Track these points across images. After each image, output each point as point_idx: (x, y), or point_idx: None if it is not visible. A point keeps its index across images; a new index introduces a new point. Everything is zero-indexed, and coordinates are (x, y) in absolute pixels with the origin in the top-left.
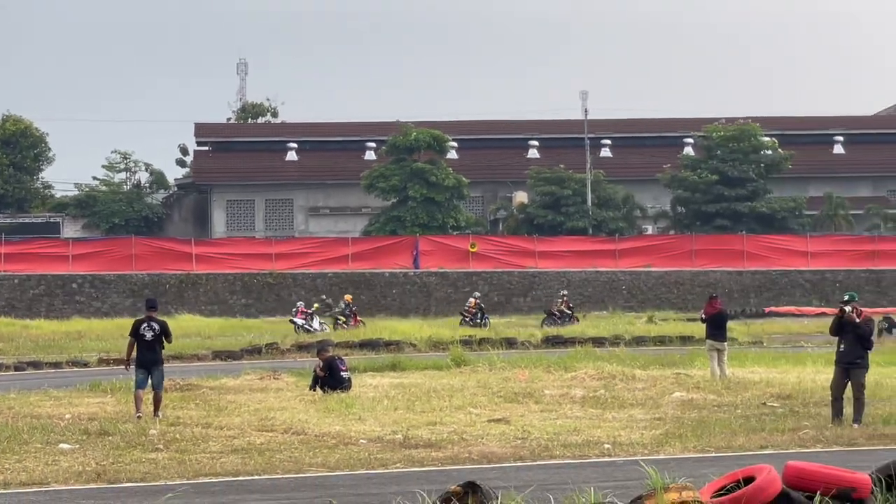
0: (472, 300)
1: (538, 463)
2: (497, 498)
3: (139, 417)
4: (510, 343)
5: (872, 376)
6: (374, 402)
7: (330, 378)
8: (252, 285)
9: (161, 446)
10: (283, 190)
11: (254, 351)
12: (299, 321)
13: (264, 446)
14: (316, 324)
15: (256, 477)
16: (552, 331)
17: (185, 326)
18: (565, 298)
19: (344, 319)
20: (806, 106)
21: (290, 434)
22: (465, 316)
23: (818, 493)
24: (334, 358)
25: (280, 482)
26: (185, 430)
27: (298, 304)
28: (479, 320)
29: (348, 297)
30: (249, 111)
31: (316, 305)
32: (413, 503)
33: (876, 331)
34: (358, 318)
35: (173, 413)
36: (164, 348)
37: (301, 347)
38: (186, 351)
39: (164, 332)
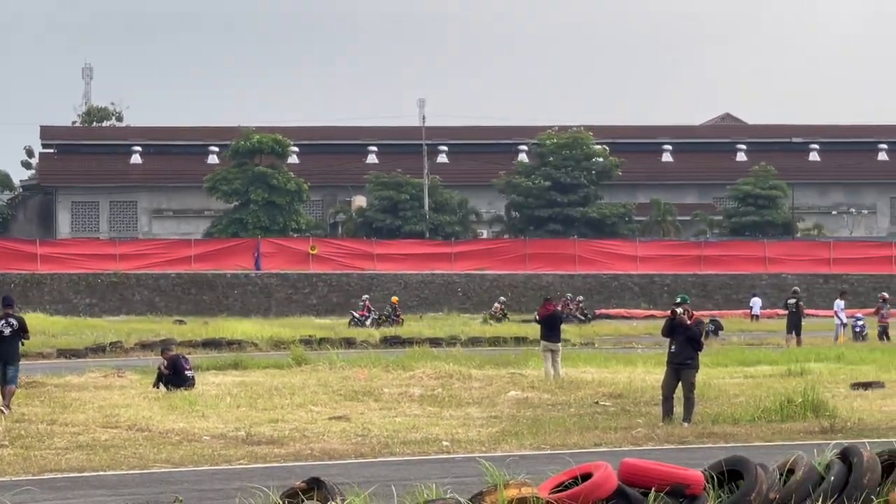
0: (497, 305)
1: (379, 460)
2: (341, 494)
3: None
4: (349, 343)
5: (701, 377)
6: (217, 400)
7: (174, 376)
8: (96, 285)
9: (6, 443)
10: (128, 192)
11: (98, 349)
12: (358, 316)
13: (109, 443)
14: (369, 321)
15: (102, 473)
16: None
17: (30, 325)
18: (579, 303)
19: (385, 318)
20: (636, 116)
21: (135, 431)
22: (493, 316)
23: (653, 489)
24: (178, 356)
25: (125, 478)
26: (30, 426)
27: (365, 297)
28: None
29: (395, 298)
30: (94, 115)
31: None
32: (257, 499)
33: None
34: (401, 317)
35: (18, 410)
36: (22, 344)
37: (145, 346)
38: (31, 349)
39: (22, 328)
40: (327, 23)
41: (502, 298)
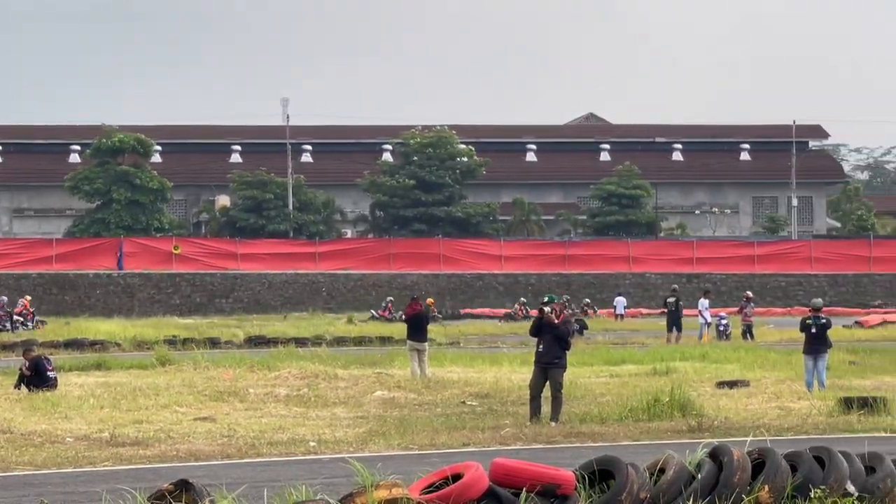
0: (517, 305)
1: (246, 461)
2: (210, 496)
3: None
4: (214, 343)
5: (568, 376)
6: (80, 401)
7: (36, 377)
8: None
9: None
10: None
11: None
12: (378, 315)
13: None
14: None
15: None
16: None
17: None
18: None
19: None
20: (501, 115)
21: None
22: (513, 317)
23: (524, 489)
24: (40, 357)
25: None
26: None
27: (389, 299)
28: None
29: (430, 300)
30: None
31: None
32: (124, 501)
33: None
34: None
35: None
36: None
37: (5, 347)
38: None
39: None
40: (191, 22)
41: (523, 299)
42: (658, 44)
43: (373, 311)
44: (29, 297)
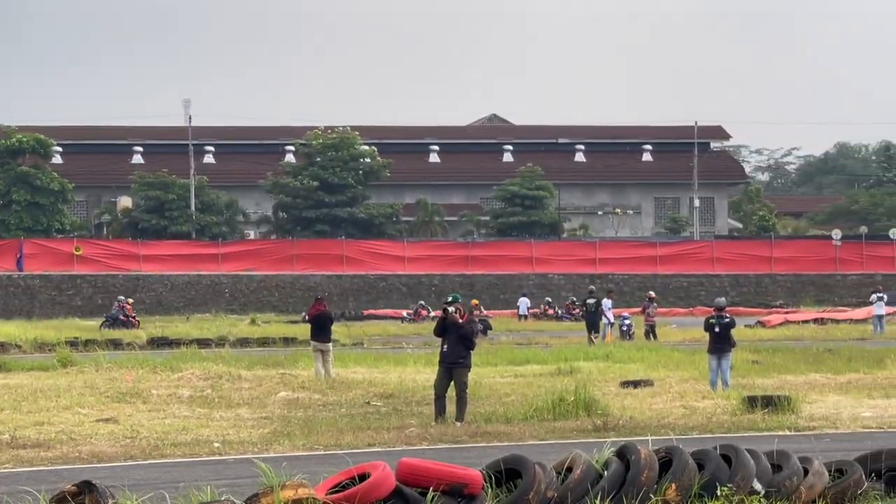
0: (543, 305)
1: (149, 462)
2: (113, 497)
3: None
4: (116, 344)
5: (472, 376)
6: None
7: None
8: None
9: None
10: None
11: None
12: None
13: None
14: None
15: None
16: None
17: None
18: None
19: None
20: (404, 116)
21: None
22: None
23: (431, 489)
24: None
25: None
26: None
27: (420, 302)
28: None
29: (475, 301)
30: None
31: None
32: (22, 503)
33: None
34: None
35: None
36: None
37: None
38: None
39: None
40: (92, 21)
41: (548, 299)
42: (560, 44)
43: (405, 312)
44: None
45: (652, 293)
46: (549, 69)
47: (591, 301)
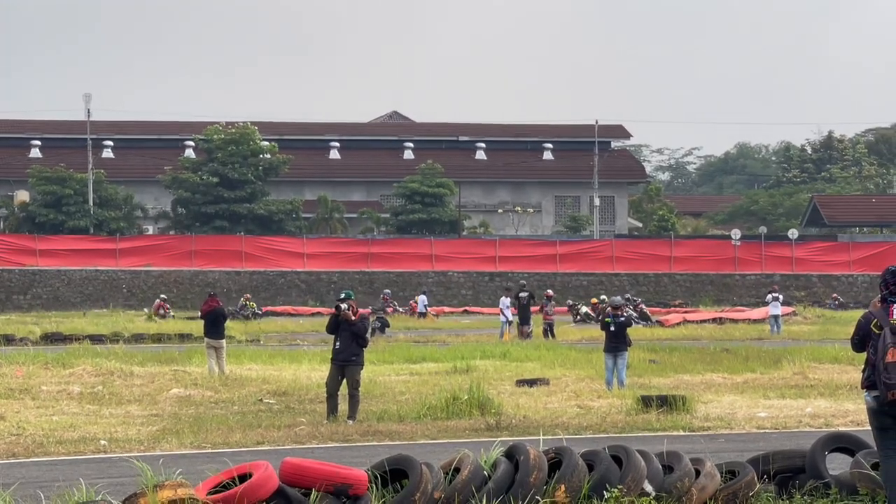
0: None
1: (32, 460)
2: None
3: None
4: (8, 339)
5: (367, 374)
6: None
7: None
8: None
9: None
10: None
11: None
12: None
13: None
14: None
15: None
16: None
17: None
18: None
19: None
20: (303, 112)
21: None
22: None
23: (315, 489)
24: None
25: None
26: None
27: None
28: None
29: (549, 292)
30: None
31: None
32: None
33: (370, 329)
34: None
35: None
36: None
37: None
38: None
39: None
40: None
41: (570, 301)
42: (462, 42)
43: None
44: None
45: (550, 291)
46: (450, 67)
47: (523, 294)
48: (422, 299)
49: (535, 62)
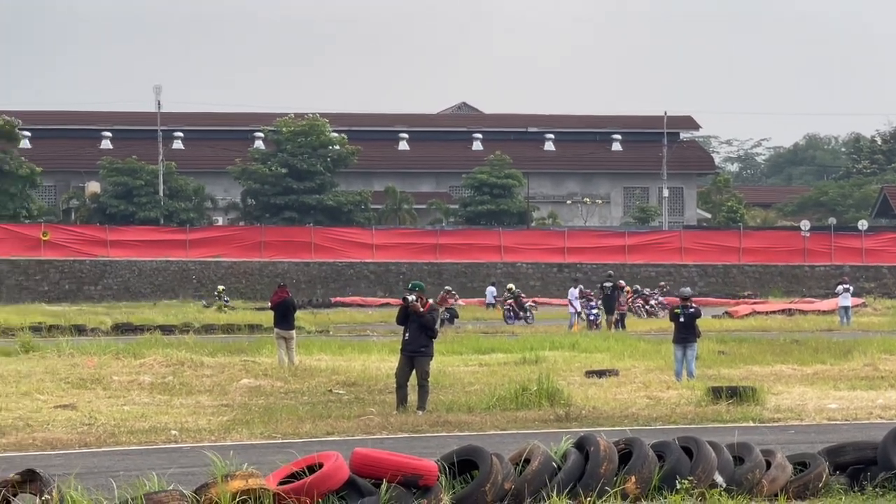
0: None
1: (104, 449)
2: (57, 486)
3: None
4: (80, 330)
5: (436, 364)
6: None
7: None
8: None
9: None
10: None
11: None
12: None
13: None
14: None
15: None
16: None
17: None
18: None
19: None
20: (373, 104)
21: None
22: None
23: (385, 480)
24: None
25: None
26: None
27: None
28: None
29: (625, 287)
30: None
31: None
32: None
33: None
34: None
35: None
36: None
37: None
38: None
39: None
40: (60, 7)
41: (637, 286)
42: (532, 33)
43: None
44: None
45: (622, 282)
46: (520, 58)
47: (607, 284)
48: (490, 290)
49: (604, 53)
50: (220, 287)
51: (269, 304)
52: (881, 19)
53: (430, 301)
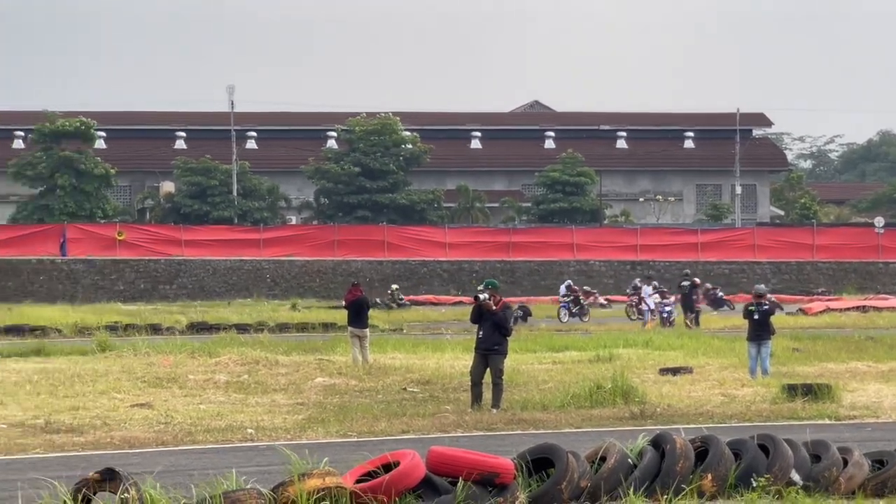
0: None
1: (181, 448)
2: (136, 484)
3: None
4: (155, 329)
5: (510, 362)
6: (16, 387)
7: None
8: None
9: None
10: None
11: None
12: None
13: None
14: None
15: None
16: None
17: None
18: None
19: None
20: (445, 103)
21: None
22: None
23: (461, 478)
24: None
25: None
26: None
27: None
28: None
29: (698, 279)
30: None
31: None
32: (46, 490)
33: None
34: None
35: None
36: None
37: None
38: None
39: None
40: (134, 7)
41: (708, 285)
42: (601, 31)
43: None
44: None
45: (697, 279)
46: (591, 55)
47: (685, 283)
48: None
49: (676, 50)
50: (394, 286)
51: (343, 302)
52: None
53: (503, 299)
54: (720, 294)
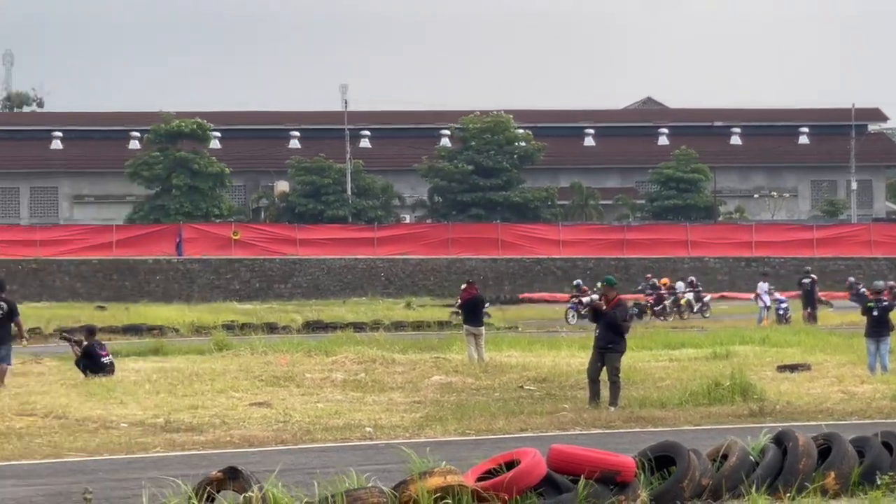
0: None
1: (300, 447)
2: (259, 483)
3: None
4: (272, 328)
5: (627, 360)
6: (136, 386)
7: (90, 361)
8: (16, 272)
9: None
10: (48, 178)
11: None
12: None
13: (24, 431)
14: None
15: (14, 462)
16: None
17: None
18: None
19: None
20: (559, 100)
21: (51, 418)
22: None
23: (582, 476)
24: (93, 344)
25: (37, 467)
26: None
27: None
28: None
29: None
30: (14, 101)
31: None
32: (169, 488)
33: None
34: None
35: None
36: (14, 326)
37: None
38: None
39: (13, 311)
40: (249, 8)
41: (852, 278)
42: (715, 27)
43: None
44: None
45: (815, 276)
46: (703, 52)
47: (806, 280)
48: (679, 286)
49: (790, 45)
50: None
51: (458, 301)
52: None
53: (619, 296)
54: (862, 289)
